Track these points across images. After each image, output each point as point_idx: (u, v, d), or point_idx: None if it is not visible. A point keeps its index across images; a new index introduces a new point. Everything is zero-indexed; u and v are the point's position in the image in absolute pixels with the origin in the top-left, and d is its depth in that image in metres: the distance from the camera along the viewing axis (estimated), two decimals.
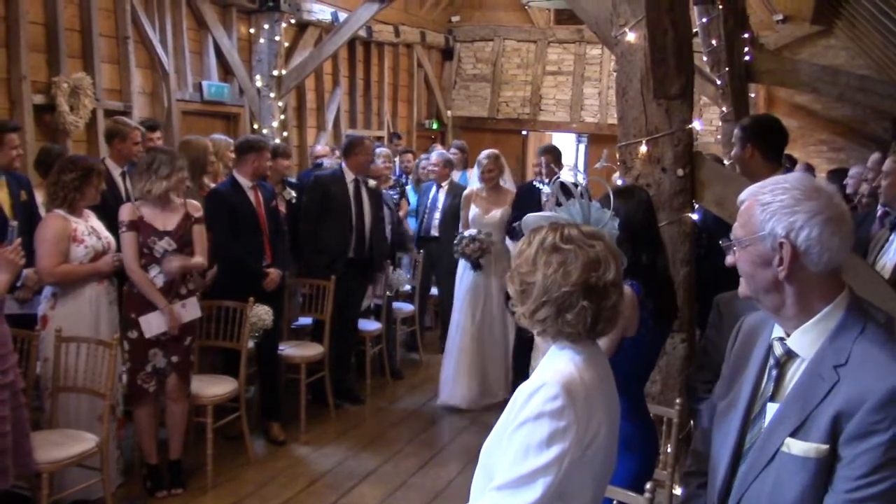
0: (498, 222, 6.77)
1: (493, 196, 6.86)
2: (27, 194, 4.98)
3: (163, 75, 7.84)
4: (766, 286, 1.87)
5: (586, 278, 1.90)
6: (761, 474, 1.86)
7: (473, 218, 6.80)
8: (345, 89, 11.10)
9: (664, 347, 3.97)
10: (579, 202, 2.05)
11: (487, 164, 6.82)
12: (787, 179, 1.87)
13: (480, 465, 2.04)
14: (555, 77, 13.11)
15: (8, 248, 3.73)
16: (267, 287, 5.60)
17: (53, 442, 4.16)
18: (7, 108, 6.32)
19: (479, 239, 6.60)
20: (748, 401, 1.97)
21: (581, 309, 1.91)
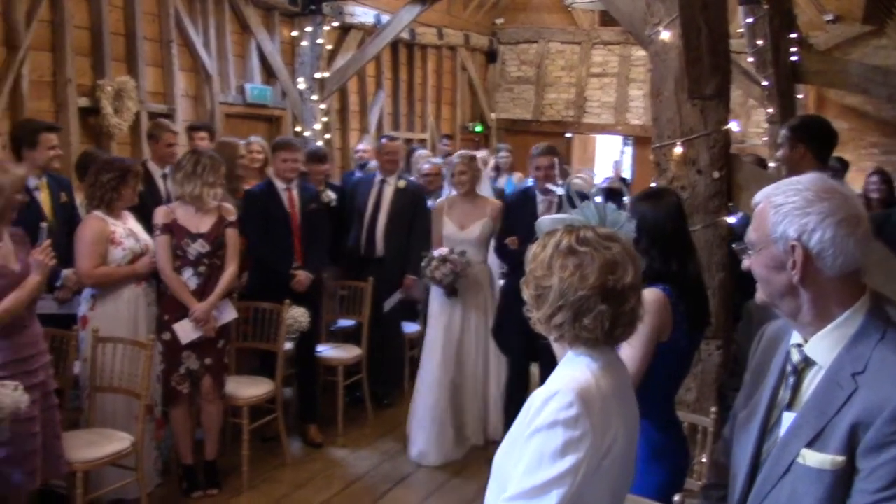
0: (477, 239, 5.71)
1: (468, 207, 5.75)
2: (67, 196, 5.05)
3: (206, 78, 7.93)
4: (782, 291, 1.81)
5: (603, 281, 1.85)
6: (776, 486, 1.79)
7: (447, 235, 5.72)
8: (388, 92, 11.12)
9: (699, 354, 3.89)
10: (594, 204, 2.00)
11: (459, 165, 5.75)
12: (800, 180, 1.80)
13: (494, 473, 1.99)
14: (599, 79, 12.99)
15: (38, 249, 3.77)
16: (295, 288, 5.59)
17: (88, 441, 4.20)
18: (53, 110, 6.43)
19: (452, 259, 5.48)
20: (766, 410, 1.90)
21: (598, 313, 1.86)
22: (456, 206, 5.78)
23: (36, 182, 4.82)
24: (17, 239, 3.85)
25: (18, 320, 3.73)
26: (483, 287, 5.77)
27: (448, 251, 5.53)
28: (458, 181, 5.73)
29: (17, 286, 3.68)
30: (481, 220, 5.71)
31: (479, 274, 5.74)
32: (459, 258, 5.50)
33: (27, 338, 3.78)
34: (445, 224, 5.74)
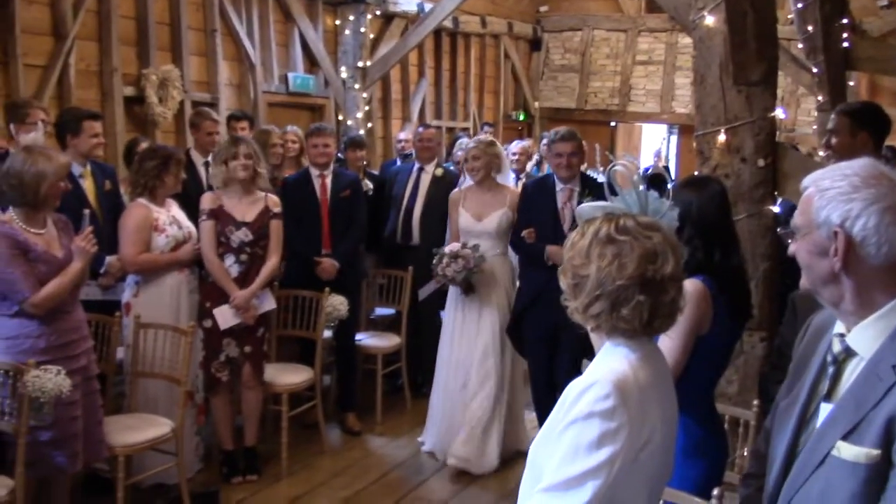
0: (495, 230, 5.27)
1: (486, 196, 5.34)
2: (112, 184, 5.09)
3: (249, 67, 7.98)
4: (824, 278, 1.75)
5: (643, 271, 1.81)
6: (810, 478, 1.73)
7: (464, 226, 5.33)
8: (430, 80, 11.08)
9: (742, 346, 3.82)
10: (636, 191, 1.95)
11: (473, 150, 5.32)
12: (850, 165, 1.73)
13: (529, 465, 1.96)
14: (645, 67, 12.81)
15: (80, 236, 3.82)
16: (320, 276, 5.59)
17: (129, 426, 4.26)
18: (99, 99, 6.52)
19: (463, 255, 5.10)
20: (805, 400, 1.85)
21: (637, 304, 1.82)
22: (473, 196, 5.38)
23: (80, 170, 4.87)
24: (61, 226, 3.91)
25: (61, 306, 3.78)
26: (501, 282, 5.33)
27: (460, 246, 5.16)
28: (471, 168, 5.32)
29: (59, 272, 3.73)
30: (500, 209, 5.28)
31: (497, 268, 5.32)
32: (472, 253, 5.12)
33: (70, 323, 3.83)
34: (461, 215, 5.36)
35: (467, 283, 5.16)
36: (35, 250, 3.70)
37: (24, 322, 3.70)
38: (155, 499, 4.61)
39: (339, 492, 4.95)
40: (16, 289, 3.63)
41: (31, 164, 3.66)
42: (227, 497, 4.74)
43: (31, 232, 3.73)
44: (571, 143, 4.95)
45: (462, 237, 5.30)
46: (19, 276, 3.62)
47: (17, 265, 3.63)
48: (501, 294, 5.32)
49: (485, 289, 5.27)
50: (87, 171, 4.94)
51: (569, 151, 4.95)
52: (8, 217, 3.72)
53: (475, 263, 5.10)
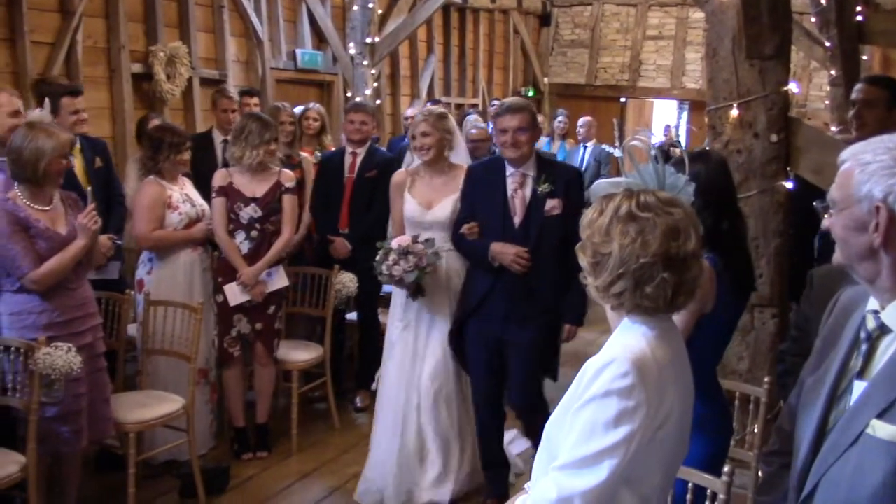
0: (448, 219, 4.32)
1: (437, 180, 4.42)
2: (102, 160, 5.00)
3: (257, 43, 7.95)
4: (861, 253, 1.71)
5: (666, 248, 1.79)
6: (843, 457, 1.70)
7: (410, 216, 4.40)
8: (439, 56, 11.03)
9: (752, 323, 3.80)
10: (654, 166, 1.93)
11: (421, 124, 4.36)
12: (893, 139, 1.69)
13: (543, 442, 1.96)
14: (655, 42, 12.73)
15: (82, 214, 3.78)
16: (332, 255, 5.58)
17: (140, 403, 4.27)
18: (106, 76, 6.51)
19: (415, 251, 4.18)
20: (836, 377, 1.81)
21: (661, 281, 1.80)
22: (421, 179, 4.47)
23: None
24: (71, 203, 3.89)
25: (64, 283, 3.75)
26: (455, 283, 4.41)
27: (410, 240, 4.22)
28: (419, 146, 4.37)
29: (61, 249, 3.72)
30: (453, 195, 4.33)
31: (450, 266, 4.38)
32: (425, 248, 4.20)
33: (74, 300, 3.81)
34: (407, 202, 4.41)
35: (416, 285, 4.26)
36: (36, 227, 3.68)
37: (27, 298, 3.70)
38: (166, 475, 4.63)
39: (349, 468, 4.95)
40: (16, 265, 3.63)
41: (30, 141, 3.64)
42: (238, 473, 4.75)
43: (34, 208, 3.72)
44: (519, 116, 3.94)
45: (408, 229, 4.40)
46: (19, 252, 3.62)
47: (16, 241, 3.62)
48: (456, 297, 4.41)
49: (436, 291, 4.34)
50: (76, 149, 4.87)
51: (515, 126, 3.93)
52: (13, 194, 3.72)
53: (429, 262, 4.18)
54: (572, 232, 3.50)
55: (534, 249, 3.93)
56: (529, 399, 4.16)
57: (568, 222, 3.68)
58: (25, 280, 3.64)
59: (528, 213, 3.98)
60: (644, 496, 1.86)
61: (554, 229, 3.91)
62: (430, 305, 4.36)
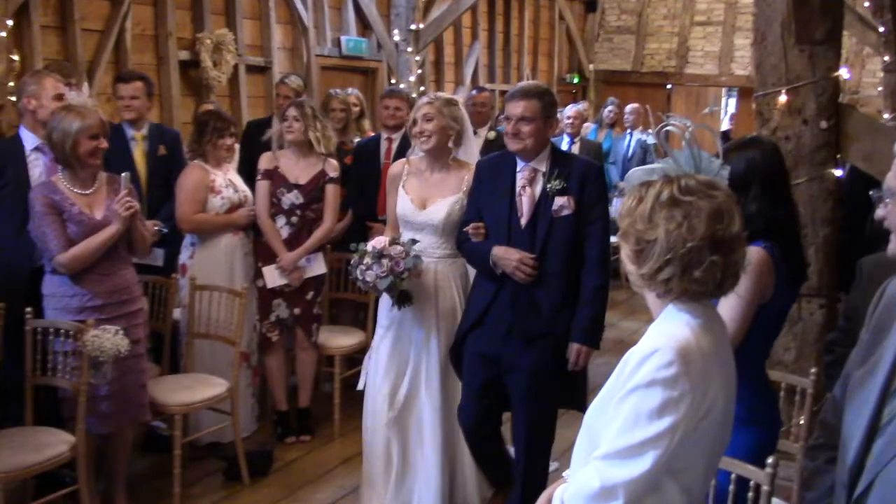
0: (443, 223, 3.87)
1: (436, 176, 3.96)
2: (167, 149, 5.06)
3: (302, 31, 7.97)
4: None
5: (713, 231, 1.76)
6: None
7: (402, 214, 3.95)
8: (484, 43, 10.98)
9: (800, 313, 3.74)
10: (690, 150, 1.90)
11: (424, 107, 3.88)
12: None
13: (584, 431, 1.95)
14: (703, 28, 12.54)
15: (115, 199, 3.79)
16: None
17: (185, 386, 4.33)
18: (154, 64, 6.57)
19: (391, 255, 3.70)
20: (889, 370, 1.77)
21: (710, 264, 1.78)
22: (418, 174, 3.99)
23: (132, 132, 4.94)
24: (116, 187, 3.89)
25: (96, 268, 3.78)
26: (449, 295, 3.94)
27: (387, 242, 3.76)
28: (418, 130, 3.87)
29: (93, 234, 3.74)
30: (452, 195, 3.89)
31: (442, 275, 3.93)
32: (402, 251, 3.72)
33: (107, 286, 3.82)
34: (400, 198, 3.96)
35: (399, 292, 3.78)
36: (69, 211, 3.72)
37: (61, 280, 3.76)
38: (211, 457, 4.70)
39: None
40: (46, 246, 3.71)
41: (59, 122, 3.69)
42: (281, 456, 4.80)
43: (73, 192, 3.77)
44: (524, 104, 3.47)
45: (401, 229, 3.99)
46: (49, 234, 3.68)
47: (47, 223, 3.68)
48: (449, 311, 3.93)
49: (424, 305, 3.90)
50: (141, 135, 4.97)
51: (518, 115, 3.48)
52: (56, 177, 3.79)
53: (406, 267, 3.70)
54: (588, 231, 3.40)
55: (540, 255, 3.46)
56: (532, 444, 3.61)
57: (583, 221, 3.45)
58: (54, 262, 3.71)
59: (536, 212, 3.51)
60: (686, 486, 1.84)
61: (563, 232, 3.46)
62: (413, 317, 3.90)
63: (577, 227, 3.44)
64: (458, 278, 3.97)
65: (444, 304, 3.90)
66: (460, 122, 3.94)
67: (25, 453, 3.46)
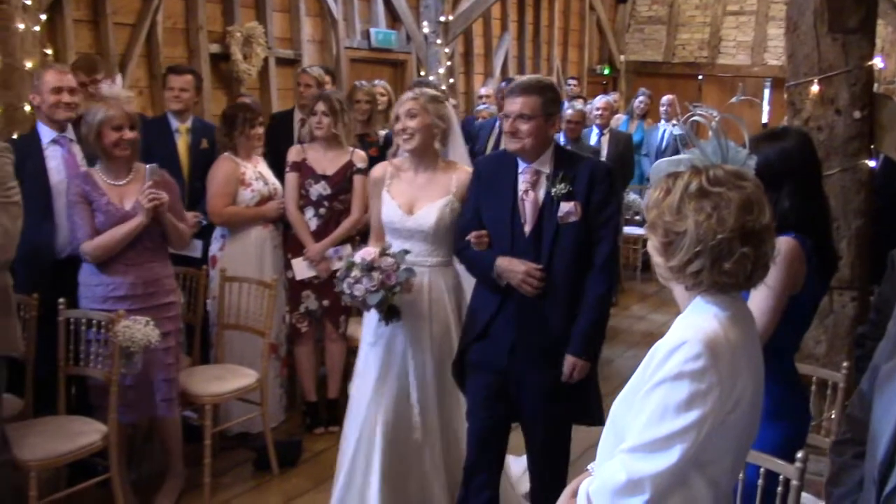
0: (433, 228, 3.57)
1: (422, 177, 3.66)
2: (209, 142, 5.10)
3: (332, 23, 7.99)
4: None
5: (743, 222, 1.75)
6: None
7: (388, 221, 3.65)
8: (513, 34, 10.94)
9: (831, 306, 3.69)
10: (717, 140, 1.88)
11: (408, 103, 3.60)
12: None
13: (609, 424, 1.94)
14: (736, 17, 12.40)
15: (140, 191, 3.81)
16: None
17: (216, 376, 4.37)
18: (185, 57, 6.62)
19: (382, 267, 3.41)
20: None
21: (740, 256, 1.76)
22: (403, 176, 3.69)
23: (177, 125, 5.03)
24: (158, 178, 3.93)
25: (122, 259, 3.82)
26: (441, 306, 3.64)
27: (377, 253, 3.45)
28: (401, 127, 3.58)
29: (120, 224, 3.78)
30: (441, 198, 3.59)
31: (434, 285, 3.63)
32: (394, 263, 3.42)
33: (132, 277, 3.85)
34: (385, 203, 3.65)
35: (387, 307, 3.47)
36: (97, 201, 3.78)
37: (90, 269, 3.85)
38: (240, 447, 4.74)
39: None
40: (74, 234, 3.80)
41: (87, 114, 3.78)
42: (310, 447, 4.83)
43: (107, 182, 3.83)
44: (522, 100, 3.18)
45: (388, 237, 3.69)
46: (78, 223, 3.77)
47: (77, 212, 3.78)
48: (443, 323, 3.65)
49: (416, 317, 3.59)
50: (184, 128, 5.04)
51: (516, 112, 3.18)
52: (94, 168, 3.87)
53: (398, 280, 3.41)
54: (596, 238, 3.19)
55: (546, 265, 3.18)
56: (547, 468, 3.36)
57: (591, 226, 3.19)
58: (80, 250, 3.78)
59: (540, 219, 3.22)
60: (714, 479, 1.83)
61: (570, 239, 3.18)
62: (405, 332, 3.59)
63: (585, 233, 3.19)
64: (451, 287, 3.68)
65: (438, 314, 3.62)
66: (446, 121, 3.67)
67: (58, 442, 3.52)
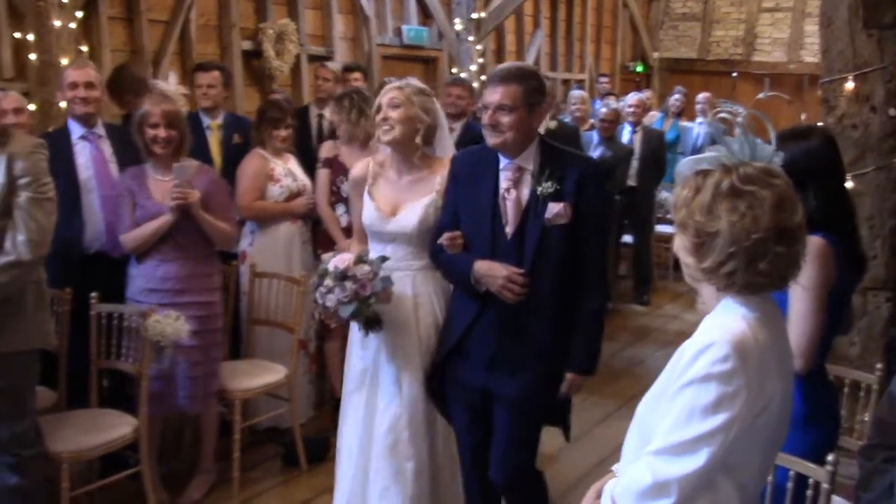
0: (416, 230, 3.29)
1: (405, 178, 3.39)
2: (241, 138, 5.13)
3: (363, 20, 8.02)
4: None
5: (777, 221, 1.71)
6: None
7: (369, 223, 3.38)
8: (546, 31, 10.92)
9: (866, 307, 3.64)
10: (744, 137, 1.85)
11: (392, 92, 3.33)
12: None
13: (635, 425, 1.92)
14: (772, 14, 12.26)
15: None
16: None
17: (245, 372, 4.40)
18: (218, 54, 6.69)
19: (357, 276, 3.11)
20: None
21: (775, 256, 1.72)
22: (385, 176, 3.43)
23: (209, 121, 5.08)
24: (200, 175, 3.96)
25: (155, 253, 3.89)
26: (432, 307, 3.36)
27: (352, 260, 3.17)
28: (382, 117, 3.30)
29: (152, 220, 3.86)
30: (424, 197, 3.32)
31: (420, 291, 3.35)
32: (369, 272, 3.13)
33: (161, 272, 3.90)
34: (365, 205, 3.39)
35: (365, 318, 3.18)
36: (138, 195, 3.88)
37: (133, 262, 3.96)
38: (269, 442, 4.77)
39: None
40: (119, 226, 3.93)
41: None
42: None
43: (155, 178, 3.90)
44: (502, 90, 2.90)
45: (370, 240, 3.45)
46: (121, 215, 3.91)
47: (121, 204, 3.92)
48: (431, 332, 3.35)
49: (397, 328, 3.31)
50: (216, 124, 5.09)
51: (495, 103, 2.91)
52: (148, 164, 3.95)
53: (373, 291, 3.13)
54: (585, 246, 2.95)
55: (530, 271, 2.92)
56: (514, 474, 3.13)
57: (580, 233, 2.93)
58: (120, 240, 3.90)
59: (524, 220, 2.96)
60: (741, 483, 1.80)
61: (558, 243, 2.93)
62: (390, 343, 3.33)
63: (574, 237, 2.93)
64: (440, 293, 3.37)
65: (425, 321, 3.33)
66: (432, 116, 3.38)
67: (90, 435, 3.55)
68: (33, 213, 3.12)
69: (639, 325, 7.58)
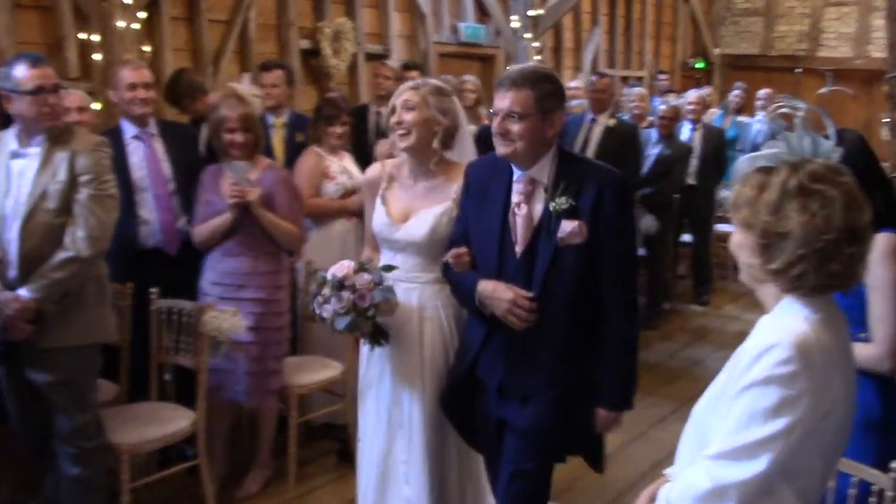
0: (427, 239, 3.07)
1: (421, 183, 3.17)
2: (304, 136, 5.16)
3: (420, 18, 8.04)
4: None
5: (848, 221, 1.66)
6: None
7: (379, 230, 3.18)
8: (604, 28, 10.81)
9: None
10: (807, 134, 1.79)
11: (407, 93, 3.09)
12: None
13: (692, 427, 1.88)
14: (838, 8, 11.96)
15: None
16: None
17: (302, 367, 4.43)
18: (277, 52, 6.76)
19: (356, 286, 2.89)
20: None
21: (846, 256, 1.67)
22: (400, 181, 3.22)
23: (273, 120, 5.16)
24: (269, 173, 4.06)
25: (221, 249, 3.98)
26: (440, 322, 3.13)
27: (351, 268, 2.96)
28: (396, 121, 3.08)
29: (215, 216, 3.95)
30: (439, 205, 3.10)
31: (428, 306, 3.13)
32: (370, 281, 2.91)
33: (222, 267, 3.99)
34: (376, 210, 3.20)
35: (369, 330, 2.98)
36: (208, 191, 3.97)
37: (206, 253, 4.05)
38: (324, 437, 4.80)
39: None
40: (194, 220, 4.03)
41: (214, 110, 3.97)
42: None
43: (227, 175, 3.95)
44: (512, 95, 2.64)
45: (381, 245, 3.25)
46: (195, 210, 4.02)
47: (196, 199, 4.02)
48: (438, 350, 3.13)
49: (404, 345, 3.12)
50: (280, 122, 5.16)
51: (505, 110, 2.66)
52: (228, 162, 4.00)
53: (372, 302, 2.91)
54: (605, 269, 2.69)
55: (539, 294, 2.67)
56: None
57: (598, 254, 2.67)
58: (190, 233, 4.02)
59: (535, 239, 2.71)
60: (802, 489, 1.75)
61: (572, 265, 2.66)
62: (394, 359, 3.16)
63: (590, 259, 2.66)
64: (449, 308, 3.14)
65: (432, 338, 3.12)
66: (451, 117, 3.12)
67: (149, 427, 3.62)
68: (93, 209, 3.19)
69: (697, 326, 7.47)
